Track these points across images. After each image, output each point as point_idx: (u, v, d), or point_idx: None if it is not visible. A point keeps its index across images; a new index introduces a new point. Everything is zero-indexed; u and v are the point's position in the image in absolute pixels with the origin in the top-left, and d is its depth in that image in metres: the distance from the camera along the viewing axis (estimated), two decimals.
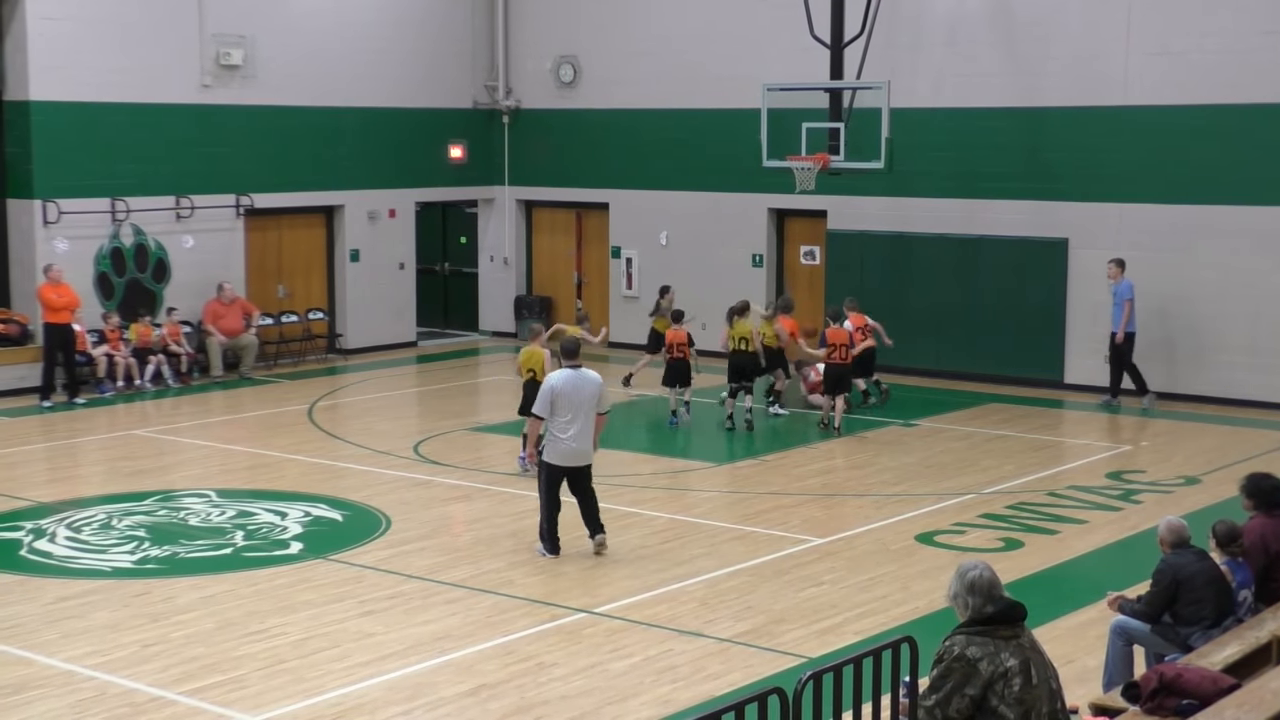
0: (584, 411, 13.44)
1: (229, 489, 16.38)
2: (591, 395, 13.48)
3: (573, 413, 13.39)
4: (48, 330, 21.20)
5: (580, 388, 13.45)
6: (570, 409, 13.38)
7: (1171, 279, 21.66)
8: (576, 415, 13.41)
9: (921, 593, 12.61)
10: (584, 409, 13.43)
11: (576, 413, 13.40)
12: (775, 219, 25.46)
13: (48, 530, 14.63)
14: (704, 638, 11.55)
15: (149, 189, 23.19)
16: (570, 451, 13.51)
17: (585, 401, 13.43)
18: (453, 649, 11.28)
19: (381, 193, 26.54)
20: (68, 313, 21.22)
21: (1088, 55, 22.11)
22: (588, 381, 13.53)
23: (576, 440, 13.47)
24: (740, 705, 6.79)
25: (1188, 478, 17.01)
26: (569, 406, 13.38)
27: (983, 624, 6.86)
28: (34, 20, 21.76)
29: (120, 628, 11.76)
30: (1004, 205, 22.94)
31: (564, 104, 27.44)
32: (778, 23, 24.11)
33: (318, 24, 25.24)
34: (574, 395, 13.41)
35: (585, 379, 13.56)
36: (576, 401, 13.39)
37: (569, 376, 13.51)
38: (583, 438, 13.51)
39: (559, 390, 13.40)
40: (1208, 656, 8.88)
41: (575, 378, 13.51)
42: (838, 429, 19.26)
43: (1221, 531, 10.05)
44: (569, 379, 13.49)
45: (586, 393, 13.46)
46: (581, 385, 13.47)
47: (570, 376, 13.51)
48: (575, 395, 13.41)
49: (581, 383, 13.50)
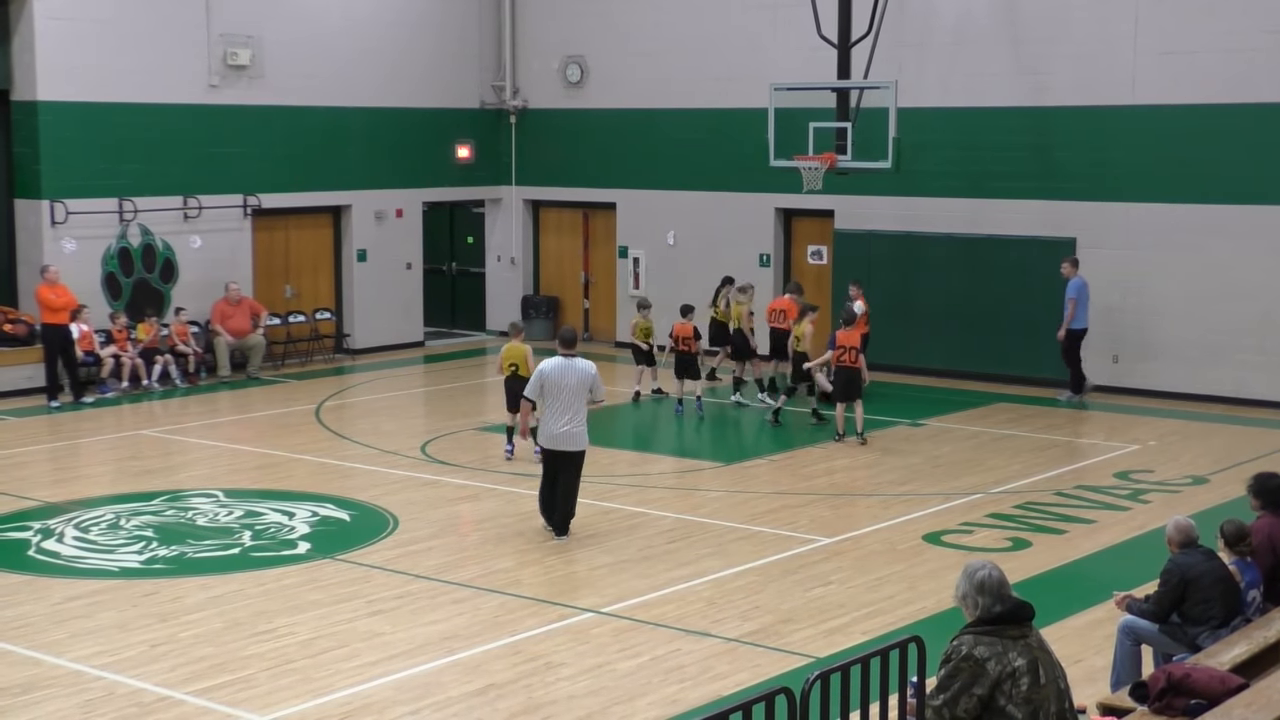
0: (572, 399, 13.95)
1: (236, 489, 16.40)
2: (580, 383, 13.97)
3: (561, 400, 13.93)
4: (46, 331, 21.21)
5: (567, 375, 13.95)
6: (558, 395, 13.94)
7: (1179, 278, 21.63)
8: (565, 402, 13.93)
9: (929, 592, 12.60)
10: (572, 396, 13.95)
11: (565, 399, 13.93)
12: (783, 219, 25.45)
13: (56, 530, 14.65)
14: (711, 637, 11.55)
15: (156, 189, 23.22)
16: (557, 436, 14.01)
17: (572, 389, 13.94)
18: (460, 649, 11.29)
19: (389, 193, 26.56)
20: (65, 313, 21.17)
21: (1095, 55, 22.08)
22: (577, 370, 14.01)
23: (565, 426, 13.97)
24: (748, 705, 6.79)
25: (1196, 477, 16.99)
26: (556, 393, 13.94)
27: (991, 624, 6.85)
28: (41, 20, 21.78)
29: (128, 627, 11.77)
30: (1012, 205, 22.92)
31: (571, 104, 27.44)
32: (785, 22, 24.11)
33: (325, 24, 25.26)
34: (560, 381, 13.93)
35: (574, 367, 14.04)
36: (564, 387, 13.93)
37: (559, 364, 14.03)
38: (573, 424, 13.99)
39: (547, 376, 13.97)
40: (1216, 656, 8.87)
41: (565, 365, 14.03)
42: (860, 434, 18.70)
43: (1230, 531, 10.05)
44: (558, 366, 14.01)
45: (574, 380, 13.95)
46: (569, 373, 13.97)
47: (560, 364, 14.03)
48: (562, 381, 13.93)
49: (570, 371, 13.99)
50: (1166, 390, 21.67)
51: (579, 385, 13.99)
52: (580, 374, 14.00)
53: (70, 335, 21.35)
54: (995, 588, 6.91)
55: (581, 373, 14.01)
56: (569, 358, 14.13)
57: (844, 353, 18.86)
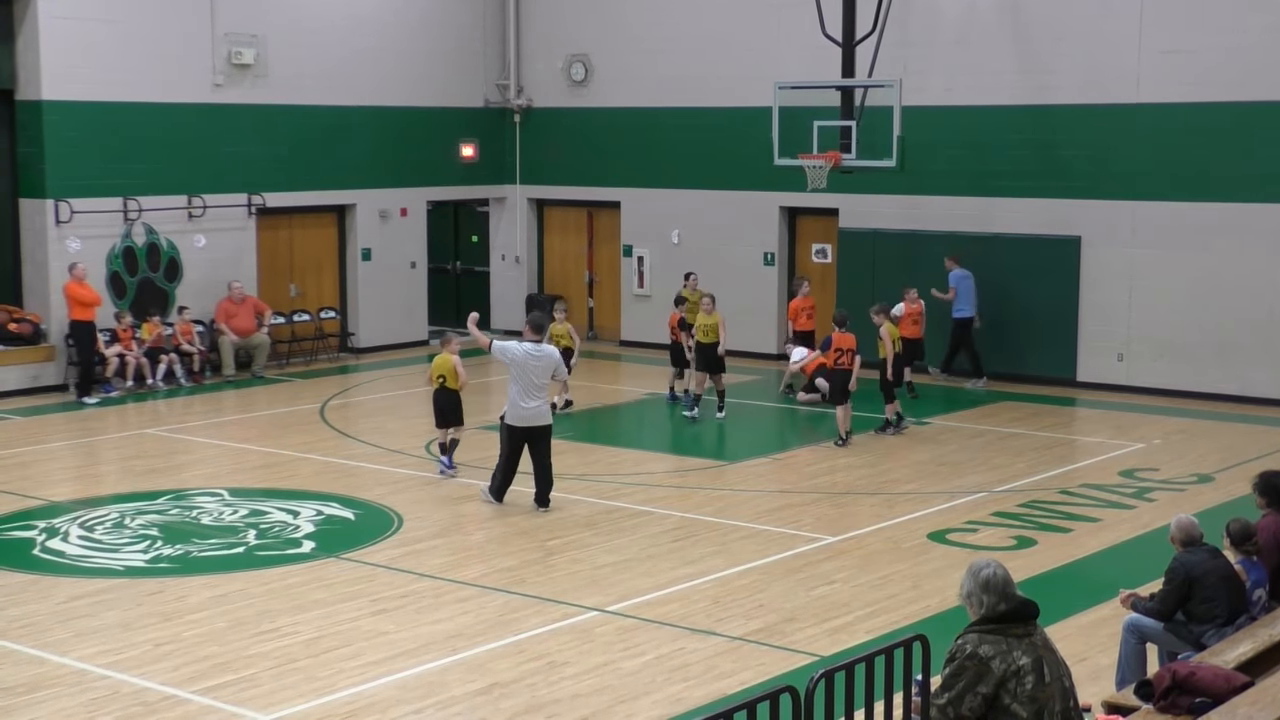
0: (537, 380, 15.13)
1: (241, 488, 16.40)
2: (545, 367, 15.23)
3: (526, 380, 15.08)
4: (76, 327, 21.42)
5: (537, 359, 15.17)
6: (527, 378, 15.07)
7: (1183, 277, 21.61)
8: (534, 384, 15.11)
9: (933, 591, 12.59)
10: (537, 378, 15.12)
11: (534, 381, 15.11)
12: (787, 217, 25.44)
13: (60, 529, 14.66)
14: (716, 636, 11.54)
15: (161, 188, 23.22)
16: (527, 414, 15.11)
17: (537, 371, 15.12)
18: (464, 648, 11.29)
19: (393, 192, 26.56)
20: (94, 310, 21.44)
21: (1100, 53, 22.06)
22: (543, 355, 15.29)
23: (534, 404, 15.12)
24: (752, 704, 6.78)
25: (1201, 476, 16.97)
26: (525, 375, 15.08)
27: (995, 622, 6.84)
28: (46, 20, 21.78)
29: (133, 627, 11.78)
30: (1016, 203, 22.90)
31: (575, 102, 27.43)
32: (789, 21, 24.08)
33: (329, 23, 25.26)
34: (526, 364, 15.08)
35: (542, 352, 15.30)
36: (529, 369, 15.07)
37: (529, 349, 15.25)
38: (541, 403, 15.22)
39: (516, 358, 15.14)
40: (1221, 655, 8.86)
41: (533, 350, 15.24)
42: (843, 436, 18.45)
43: (1235, 530, 10.04)
44: (529, 351, 15.22)
45: (540, 364, 15.16)
46: (539, 358, 15.20)
47: (529, 349, 15.24)
48: (527, 364, 15.08)
49: (539, 356, 15.23)
50: (1172, 388, 21.63)
51: (544, 369, 15.22)
52: (547, 360, 15.27)
53: (94, 333, 21.55)
54: (1000, 586, 6.90)
55: (548, 358, 15.30)
56: (536, 344, 15.38)
57: (841, 355, 18.75)
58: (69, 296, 21.44)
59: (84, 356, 21.50)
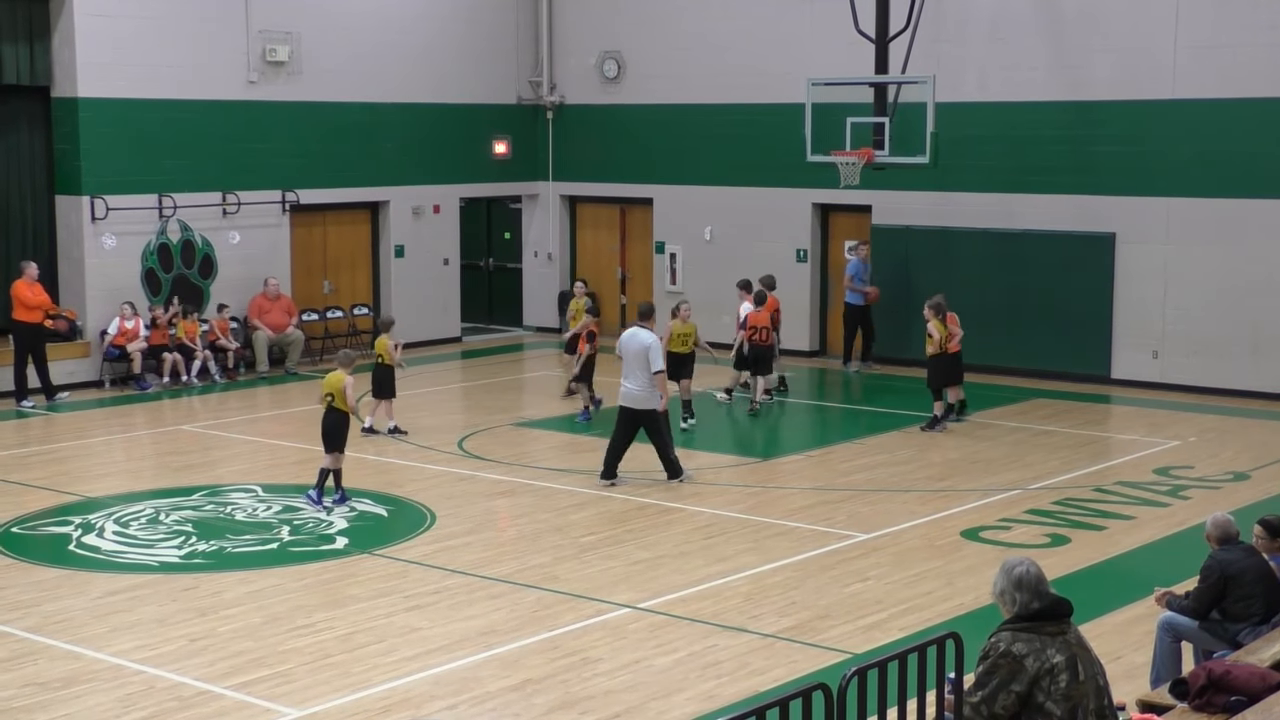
0: (634, 363, 15.84)
1: (275, 484, 16.47)
2: (638, 351, 15.86)
3: (625, 363, 15.98)
4: (19, 329, 20.78)
5: (629, 343, 16.01)
6: (624, 359, 15.99)
7: (1219, 273, 21.49)
8: (628, 365, 15.90)
9: (967, 589, 12.56)
10: (633, 361, 15.85)
11: (629, 363, 15.90)
12: (820, 214, 25.39)
13: (96, 525, 14.75)
14: (748, 633, 11.54)
15: (196, 185, 23.33)
16: (624, 394, 16.04)
17: (633, 355, 15.87)
18: (498, 644, 11.31)
19: (426, 188, 26.62)
20: (39, 312, 20.87)
21: (1135, 48, 21.94)
22: (636, 340, 15.98)
23: (628, 386, 15.95)
24: (784, 701, 6.77)
25: (1236, 473, 16.88)
26: (623, 356, 16.03)
27: (1029, 620, 6.83)
28: (82, 17, 21.91)
29: (168, 622, 11.84)
30: (1050, 200, 22.81)
31: (608, 99, 27.44)
32: (822, 17, 24.03)
33: (363, 20, 25.33)
34: (623, 348, 16.06)
35: (635, 337, 16.03)
36: (627, 353, 15.97)
37: (627, 334, 16.23)
38: (635, 385, 15.90)
39: (620, 342, 16.24)
40: (1256, 653, 8.81)
41: (629, 334, 16.15)
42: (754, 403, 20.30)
43: (1272, 525, 9.97)
44: (626, 336, 16.20)
45: (633, 348, 15.89)
46: (630, 341, 16.01)
47: (628, 333, 16.20)
48: (624, 348, 16.04)
49: (631, 339, 16.03)
50: (1206, 386, 21.51)
51: (638, 353, 15.87)
52: (638, 344, 15.93)
53: (43, 334, 21.08)
54: (1033, 584, 6.89)
55: (639, 343, 15.95)
56: (633, 328, 16.29)
57: (755, 332, 20.42)
58: (15, 297, 20.79)
59: (21, 359, 20.88)
